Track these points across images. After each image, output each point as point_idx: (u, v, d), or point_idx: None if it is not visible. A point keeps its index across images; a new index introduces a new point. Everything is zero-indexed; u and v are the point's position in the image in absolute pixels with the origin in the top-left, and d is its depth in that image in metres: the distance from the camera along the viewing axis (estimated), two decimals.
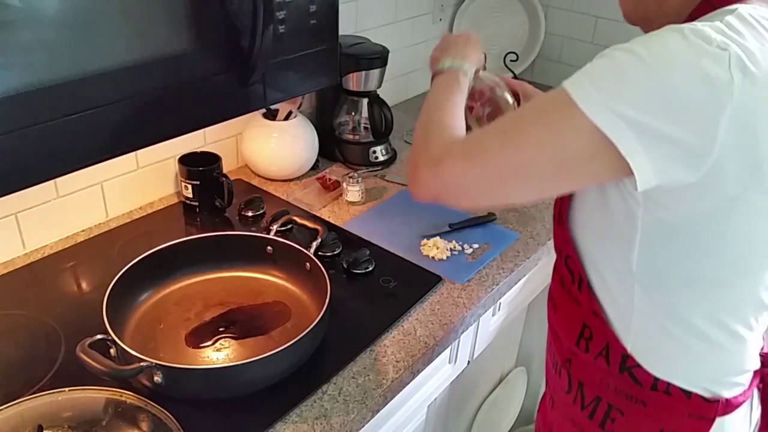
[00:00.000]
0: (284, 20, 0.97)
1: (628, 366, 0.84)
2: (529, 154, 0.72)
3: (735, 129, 0.65)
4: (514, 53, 2.10)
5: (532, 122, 0.73)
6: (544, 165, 0.72)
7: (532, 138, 0.72)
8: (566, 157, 0.71)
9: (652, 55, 0.66)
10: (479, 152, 0.76)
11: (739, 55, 0.65)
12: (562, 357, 0.93)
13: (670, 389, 0.82)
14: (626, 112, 0.66)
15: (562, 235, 0.90)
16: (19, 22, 0.71)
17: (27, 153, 0.76)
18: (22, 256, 1.20)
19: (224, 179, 1.33)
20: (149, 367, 0.86)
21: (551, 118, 0.71)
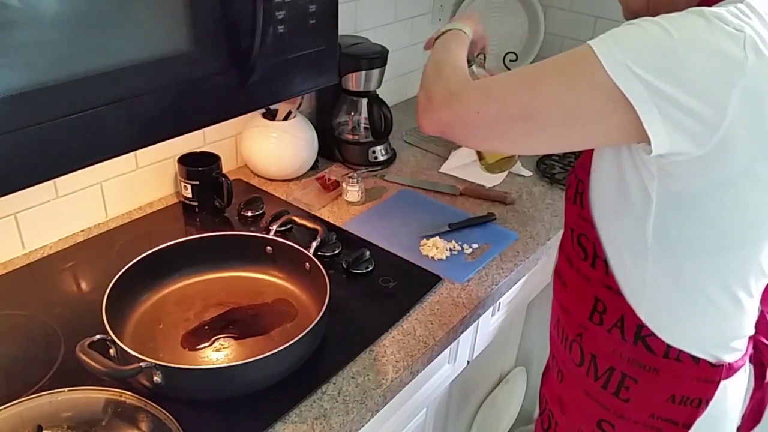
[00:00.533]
0: (284, 20, 0.97)
1: (643, 335, 0.88)
2: (545, 101, 0.75)
3: (745, 106, 0.69)
4: (514, 53, 2.10)
5: (553, 72, 0.76)
6: (559, 114, 0.75)
7: (551, 86, 0.75)
8: (581, 110, 0.74)
9: (676, 29, 0.70)
10: (497, 91, 0.79)
11: (753, 37, 0.70)
12: (572, 332, 0.97)
13: (680, 356, 0.87)
14: (645, 75, 0.69)
15: (577, 214, 0.94)
16: (18, 22, 0.71)
17: (26, 153, 0.76)
18: (21, 256, 1.20)
19: (224, 179, 1.33)
20: (149, 368, 0.86)
21: (572, 70, 0.74)
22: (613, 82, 0.70)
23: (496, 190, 1.51)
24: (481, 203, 1.46)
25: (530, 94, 0.77)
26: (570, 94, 0.74)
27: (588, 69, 0.72)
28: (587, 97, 0.73)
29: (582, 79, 0.73)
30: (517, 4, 2.07)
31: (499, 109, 0.78)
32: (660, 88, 0.69)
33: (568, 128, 0.76)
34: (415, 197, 1.47)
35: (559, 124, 0.76)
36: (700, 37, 0.70)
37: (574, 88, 0.74)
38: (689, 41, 0.69)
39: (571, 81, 0.74)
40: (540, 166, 1.62)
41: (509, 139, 0.82)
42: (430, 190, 1.50)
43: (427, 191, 1.50)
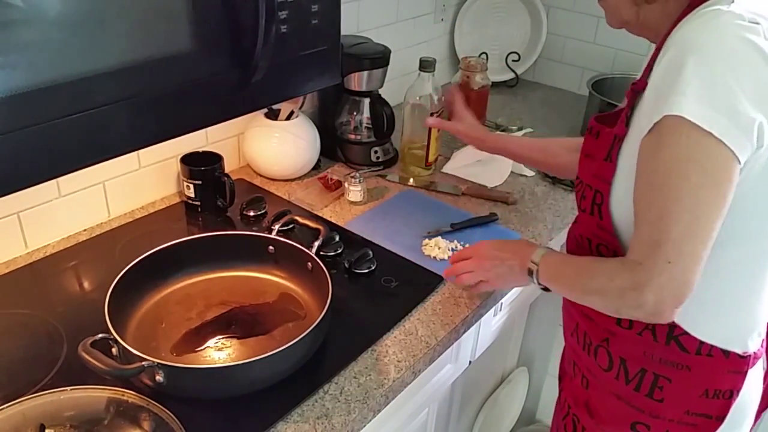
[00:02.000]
0: (286, 20, 0.97)
1: (675, 335, 0.88)
2: (692, 200, 0.76)
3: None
4: (516, 53, 2.09)
5: (667, 178, 0.76)
6: (708, 197, 0.76)
7: (681, 184, 0.75)
8: (714, 175, 0.75)
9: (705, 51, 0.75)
10: (656, 238, 0.77)
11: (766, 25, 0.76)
12: (597, 337, 0.97)
13: (712, 351, 0.88)
14: (716, 104, 0.73)
15: (596, 225, 0.92)
16: (21, 21, 0.71)
17: (29, 152, 0.77)
18: (24, 255, 1.20)
19: (226, 179, 1.33)
20: (151, 367, 0.86)
21: (676, 157, 0.76)
22: (703, 131, 0.73)
23: (498, 190, 1.51)
24: (483, 203, 1.46)
25: (687, 219, 0.76)
26: (714, 187, 0.76)
27: (706, 151, 0.74)
28: (708, 162, 0.75)
29: (708, 164, 0.75)
30: (520, 4, 2.07)
31: (680, 256, 0.76)
32: (730, 109, 0.73)
33: (717, 200, 0.76)
34: (417, 197, 1.47)
35: (713, 204, 0.76)
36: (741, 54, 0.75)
37: (710, 177, 0.75)
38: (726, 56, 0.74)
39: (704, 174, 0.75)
40: None
41: (702, 254, 0.78)
42: (432, 190, 1.50)
43: (429, 191, 1.50)
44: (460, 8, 2.05)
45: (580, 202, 0.97)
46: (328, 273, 1.03)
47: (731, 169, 0.75)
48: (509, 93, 2.10)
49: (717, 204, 0.76)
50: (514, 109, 1.98)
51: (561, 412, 1.13)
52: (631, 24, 0.92)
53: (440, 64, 1.69)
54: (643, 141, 0.80)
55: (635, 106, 0.86)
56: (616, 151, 0.87)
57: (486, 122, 1.84)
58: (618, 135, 0.87)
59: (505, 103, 2.01)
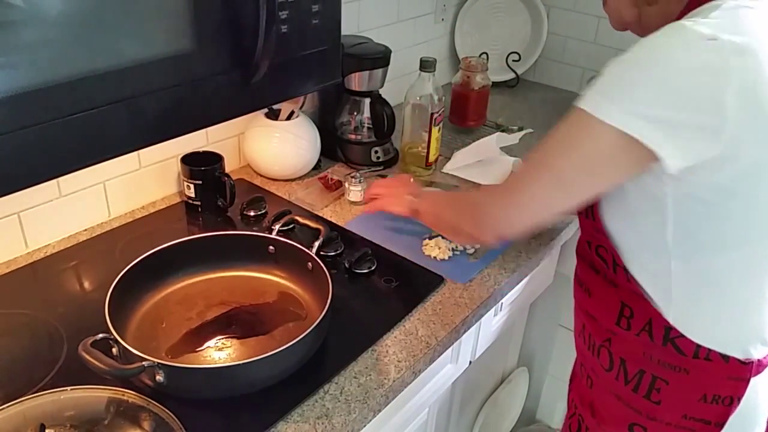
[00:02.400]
0: (287, 20, 0.97)
1: (672, 337, 0.89)
2: (560, 169, 0.83)
3: (743, 103, 0.73)
4: (517, 53, 2.09)
5: (554, 144, 0.84)
6: (576, 175, 0.82)
7: (559, 154, 0.83)
8: (593, 163, 0.80)
9: (652, 59, 0.75)
10: (515, 185, 0.89)
11: (731, 41, 0.73)
12: (600, 337, 0.98)
13: (710, 355, 0.88)
14: (642, 110, 0.74)
15: (592, 227, 0.95)
16: (22, 21, 0.71)
17: (29, 152, 0.77)
18: (24, 255, 1.21)
19: (226, 179, 1.33)
20: (151, 367, 0.86)
21: (571, 135, 0.81)
22: (615, 129, 0.75)
23: None
24: None
25: (546, 170, 0.85)
26: (581, 156, 0.80)
27: (585, 128, 0.78)
28: (597, 151, 0.79)
29: (585, 138, 0.79)
30: (520, 4, 2.07)
31: (523, 193, 0.87)
32: (658, 116, 0.74)
33: (592, 183, 0.83)
34: None
35: (582, 183, 0.83)
36: (677, 57, 0.74)
37: (582, 149, 0.80)
38: (671, 67, 0.74)
39: (575, 145, 0.81)
40: None
41: (547, 209, 0.87)
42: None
43: None
44: (461, 8, 2.05)
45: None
46: (329, 273, 1.03)
47: (628, 162, 0.78)
48: (510, 93, 2.10)
49: (584, 188, 0.83)
50: (514, 109, 1.98)
51: (569, 411, 1.14)
52: (633, 26, 0.93)
53: (441, 64, 1.69)
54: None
55: None
56: None
57: (486, 122, 1.84)
58: None
59: (506, 104, 2.01)
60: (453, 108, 1.80)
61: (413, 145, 1.55)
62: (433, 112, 1.48)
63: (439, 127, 1.53)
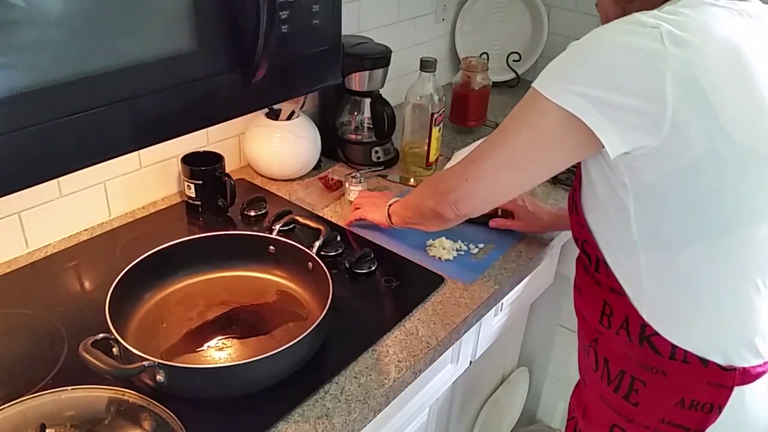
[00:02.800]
0: (287, 20, 0.97)
1: (647, 335, 0.88)
2: (512, 145, 0.87)
3: (681, 91, 0.74)
4: (517, 53, 2.09)
5: (510, 121, 0.88)
6: (526, 150, 0.86)
7: (511, 131, 0.87)
8: (544, 141, 0.84)
9: (596, 41, 0.79)
10: (475, 156, 0.92)
11: (670, 30, 0.75)
12: (589, 338, 0.99)
13: (687, 357, 0.86)
14: (581, 89, 0.77)
15: (576, 222, 0.96)
16: (22, 21, 0.71)
17: (30, 152, 0.77)
18: (25, 255, 1.21)
19: (227, 179, 1.33)
20: (151, 366, 0.86)
21: (524, 112, 0.85)
22: (559, 107, 0.78)
23: None
24: None
25: (497, 144, 0.89)
26: (530, 132, 0.84)
27: (534, 104, 0.82)
28: (544, 128, 0.82)
29: (534, 115, 0.83)
30: (521, 4, 2.07)
31: (478, 167, 0.92)
32: (598, 96, 0.76)
33: (541, 159, 0.86)
34: None
35: (530, 157, 0.87)
36: (619, 41, 0.77)
37: (530, 124, 0.84)
38: (610, 48, 0.77)
39: (525, 119, 0.85)
40: None
41: (504, 186, 0.93)
42: None
43: None
44: (461, 8, 2.05)
45: (568, 201, 1.01)
46: (329, 273, 1.03)
47: (573, 141, 0.81)
48: (510, 93, 2.10)
49: (535, 163, 0.87)
50: None
51: (568, 414, 1.14)
52: None
53: (441, 64, 1.69)
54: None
55: None
56: None
57: (487, 122, 1.84)
58: None
59: (506, 104, 2.01)
60: (453, 108, 1.80)
61: (414, 145, 1.55)
62: (433, 112, 1.48)
63: (440, 127, 1.53)
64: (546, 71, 0.82)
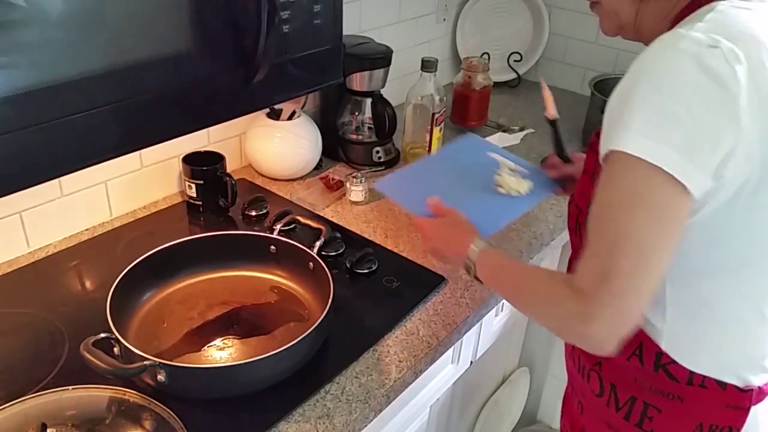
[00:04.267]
0: (288, 20, 0.97)
1: (663, 363, 0.84)
2: (639, 237, 0.71)
3: (752, 113, 0.70)
4: (518, 53, 2.09)
5: (616, 212, 0.73)
6: (653, 233, 0.72)
7: (629, 220, 0.71)
8: (660, 211, 0.71)
9: (668, 85, 0.70)
10: (605, 271, 0.72)
11: (730, 47, 0.70)
12: (590, 361, 0.93)
13: (705, 382, 0.83)
14: (664, 136, 0.69)
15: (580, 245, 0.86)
16: (23, 21, 0.71)
17: (31, 152, 0.77)
18: (26, 254, 1.21)
19: (228, 179, 1.33)
20: (152, 366, 0.87)
21: (623, 192, 0.72)
22: (650, 165, 0.69)
23: None
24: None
25: (629, 243, 0.72)
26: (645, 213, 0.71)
27: (627, 178, 0.71)
28: (654, 199, 0.71)
29: (636, 189, 0.71)
30: (522, 4, 2.07)
31: (624, 280, 0.71)
32: (680, 141, 0.69)
33: (662, 233, 0.72)
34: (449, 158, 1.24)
35: (663, 240, 0.72)
36: (682, 71, 0.70)
37: (640, 202, 0.71)
38: (676, 85, 0.70)
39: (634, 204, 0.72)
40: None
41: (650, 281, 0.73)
42: None
43: None
44: (462, 8, 2.05)
45: (568, 220, 0.94)
46: (330, 273, 1.04)
47: (681, 203, 0.71)
48: (511, 93, 2.09)
49: (665, 239, 0.72)
50: (516, 109, 1.98)
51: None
52: (628, 28, 0.88)
53: (442, 65, 1.69)
54: (600, 169, 0.76)
55: None
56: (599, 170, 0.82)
57: (488, 122, 1.84)
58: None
59: (507, 104, 2.01)
60: (454, 108, 1.80)
61: (415, 145, 1.55)
62: (434, 112, 1.48)
63: (441, 127, 1.53)
64: (614, 129, 0.72)
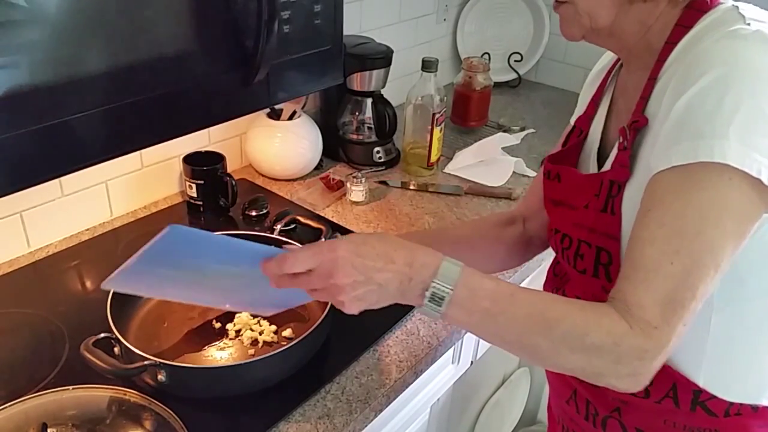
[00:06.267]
0: (289, 20, 0.97)
1: (701, 401, 0.78)
2: (723, 252, 0.65)
3: None
4: (519, 53, 2.09)
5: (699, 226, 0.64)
6: (734, 247, 0.66)
7: (715, 234, 0.64)
8: (747, 225, 0.66)
9: (748, 76, 0.64)
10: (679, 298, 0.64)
11: None
12: (606, 407, 0.85)
13: (741, 410, 0.79)
14: (761, 144, 0.63)
15: (601, 288, 0.78)
16: (23, 21, 0.71)
17: (32, 152, 0.77)
18: (26, 254, 1.21)
19: (228, 179, 1.33)
20: (153, 366, 0.87)
21: (711, 203, 0.64)
22: (745, 175, 0.63)
23: (501, 188, 1.51)
24: (485, 202, 1.46)
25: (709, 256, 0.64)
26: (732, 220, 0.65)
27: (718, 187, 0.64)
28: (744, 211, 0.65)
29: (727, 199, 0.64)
30: (522, 4, 2.07)
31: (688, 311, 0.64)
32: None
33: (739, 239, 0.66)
34: None
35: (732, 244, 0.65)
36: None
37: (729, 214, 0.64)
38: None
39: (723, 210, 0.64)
40: None
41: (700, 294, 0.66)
42: (434, 192, 1.50)
43: (432, 192, 1.50)
44: (463, 8, 2.05)
45: (575, 261, 0.81)
46: None
47: (761, 214, 0.66)
48: (511, 93, 2.10)
49: (731, 253, 0.65)
50: (516, 109, 1.98)
51: None
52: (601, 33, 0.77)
53: (442, 65, 1.69)
54: (658, 177, 0.67)
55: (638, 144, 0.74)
56: (619, 201, 0.74)
57: (488, 123, 1.84)
58: (617, 180, 0.75)
59: (508, 104, 2.01)
60: (455, 108, 1.80)
61: (415, 146, 1.55)
62: (434, 112, 1.48)
63: (441, 128, 1.53)
64: (702, 137, 0.64)
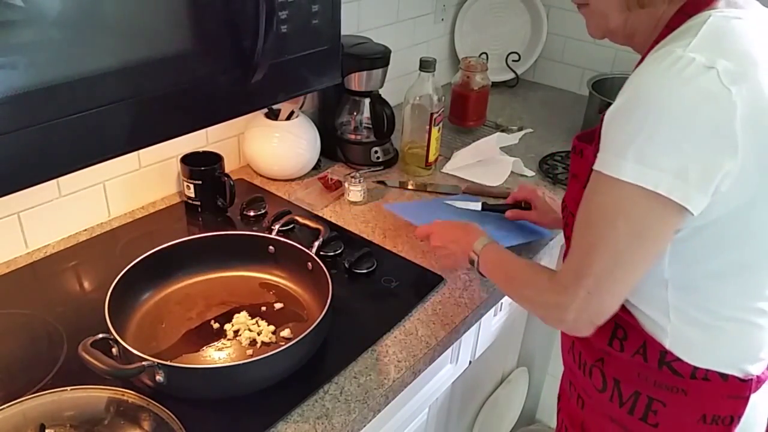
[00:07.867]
0: (287, 20, 0.97)
1: (667, 361, 0.86)
2: (616, 246, 0.78)
3: (748, 131, 0.71)
4: (516, 53, 2.09)
5: (598, 220, 0.79)
6: (632, 245, 0.78)
7: (609, 230, 0.78)
8: (642, 227, 0.77)
9: (657, 105, 0.72)
10: (581, 270, 0.81)
11: (726, 67, 0.71)
12: (592, 357, 0.95)
13: (708, 375, 0.85)
14: (657, 161, 0.72)
15: None
16: (22, 22, 0.71)
17: (29, 152, 0.77)
18: (24, 255, 1.20)
19: (226, 179, 1.33)
20: (151, 367, 0.86)
21: (608, 206, 0.78)
22: (636, 186, 0.73)
23: (500, 187, 1.51)
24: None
25: (601, 248, 0.79)
26: (625, 223, 0.76)
27: (617, 194, 0.76)
28: (636, 214, 0.76)
29: (621, 205, 0.76)
30: (520, 4, 2.07)
31: (595, 278, 0.80)
32: (672, 164, 0.71)
33: (644, 247, 0.78)
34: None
35: (636, 250, 0.78)
36: (675, 96, 0.71)
37: (622, 215, 0.76)
38: (671, 108, 0.71)
39: (616, 213, 0.77)
40: (542, 167, 1.62)
41: (620, 287, 0.82)
42: (433, 191, 1.50)
43: (430, 192, 1.50)
44: (461, 8, 2.05)
45: (565, 229, 0.95)
46: (329, 273, 1.03)
47: (670, 222, 0.76)
48: (509, 93, 2.10)
49: (644, 252, 0.78)
50: (514, 109, 1.98)
51: (558, 430, 1.10)
52: (616, 33, 0.88)
53: (440, 64, 1.69)
54: (590, 176, 0.80)
55: None
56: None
57: (486, 122, 1.84)
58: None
59: (506, 103, 2.01)
60: (453, 108, 1.80)
61: (413, 145, 1.55)
62: (432, 112, 1.48)
63: (439, 127, 1.53)
64: (606, 152, 0.76)
